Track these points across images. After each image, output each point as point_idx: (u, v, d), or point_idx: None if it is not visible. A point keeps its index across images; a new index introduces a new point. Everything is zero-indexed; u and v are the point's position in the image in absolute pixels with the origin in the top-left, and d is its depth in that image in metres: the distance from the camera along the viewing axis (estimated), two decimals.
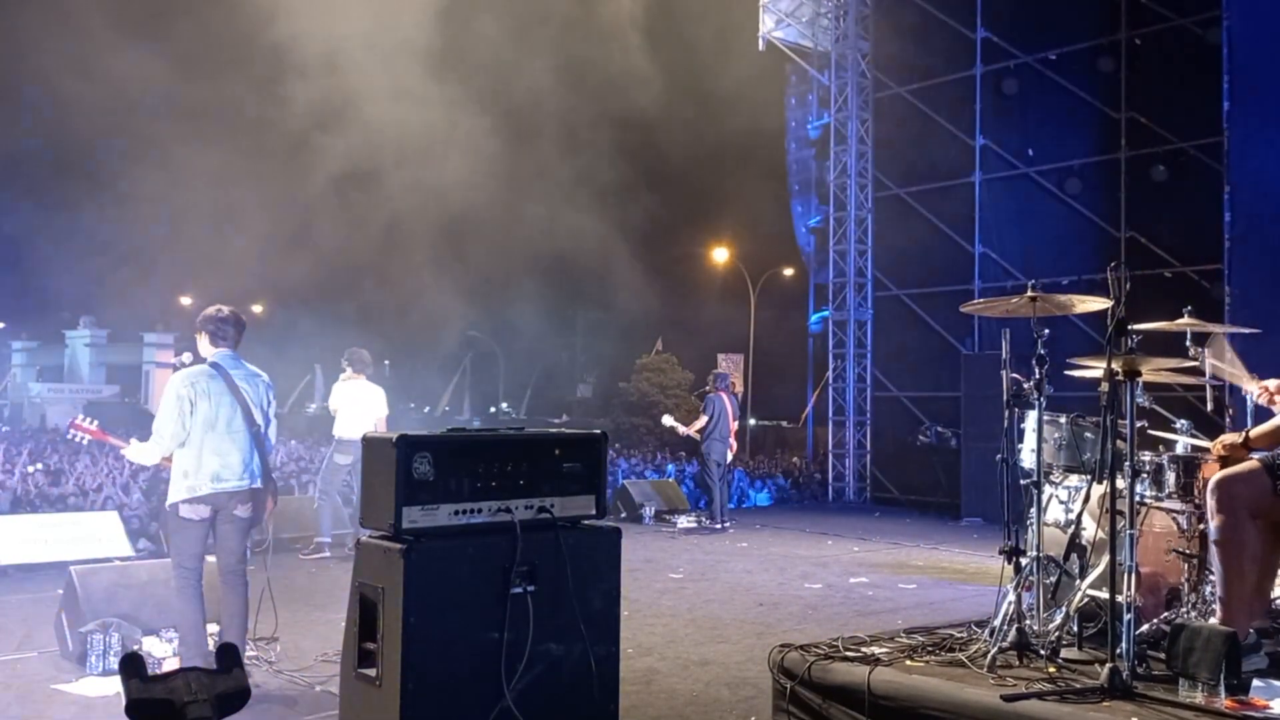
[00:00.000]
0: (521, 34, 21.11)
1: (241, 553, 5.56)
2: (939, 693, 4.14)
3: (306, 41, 17.94)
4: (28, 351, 62.46)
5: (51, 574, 8.07)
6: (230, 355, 5.65)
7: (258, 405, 5.61)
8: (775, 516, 14.74)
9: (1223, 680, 3.82)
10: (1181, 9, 13.26)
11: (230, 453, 5.45)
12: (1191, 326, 5.21)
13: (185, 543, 5.42)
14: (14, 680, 5.69)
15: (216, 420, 5.44)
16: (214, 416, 5.44)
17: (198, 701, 2.91)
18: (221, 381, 5.50)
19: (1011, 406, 5.02)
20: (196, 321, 5.74)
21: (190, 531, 5.42)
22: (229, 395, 5.50)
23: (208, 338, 5.67)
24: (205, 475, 5.39)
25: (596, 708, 4.16)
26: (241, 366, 5.67)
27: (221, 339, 5.65)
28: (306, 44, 18.09)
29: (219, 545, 5.54)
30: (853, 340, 17.22)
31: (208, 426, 5.42)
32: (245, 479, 5.49)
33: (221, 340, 5.65)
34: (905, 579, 9.26)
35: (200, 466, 5.40)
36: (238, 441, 5.48)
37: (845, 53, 17.43)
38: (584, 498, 4.33)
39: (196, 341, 5.75)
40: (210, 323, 5.66)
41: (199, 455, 5.40)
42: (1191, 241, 12.94)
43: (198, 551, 5.43)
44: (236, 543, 5.54)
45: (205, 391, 5.46)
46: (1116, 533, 4.24)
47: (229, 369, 5.57)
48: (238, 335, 5.71)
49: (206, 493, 5.39)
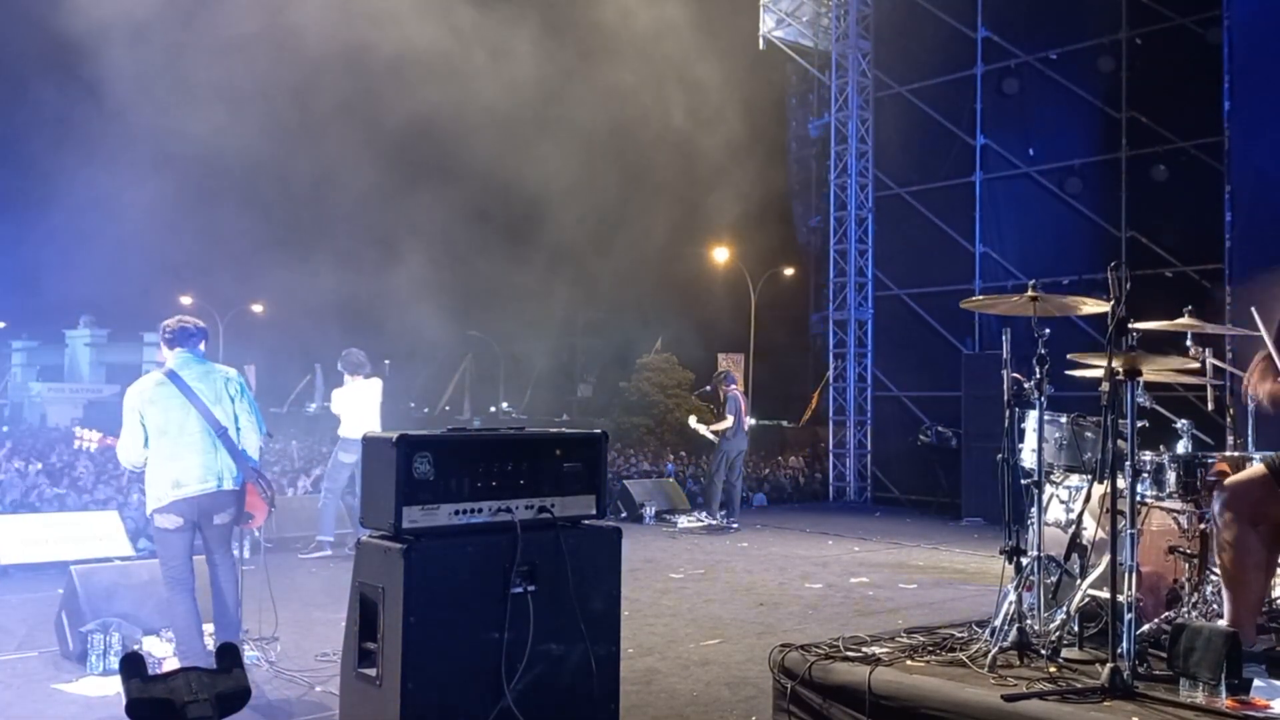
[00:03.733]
0: (521, 34, 21.09)
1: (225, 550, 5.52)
2: (940, 693, 4.14)
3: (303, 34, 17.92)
4: (28, 351, 62.52)
5: (52, 574, 8.07)
6: (187, 357, 5.56)
7: (218, 403, 5.50)
8: (775, 516, 14.74)
9: (1223, 680, 3.82)
10: (1182, 8, 13.25)
11: (186, 457, 5.36)
12: (1191, 327, 5.21)
13: (167, 552, 5.41)
14: (14, 680, 5.70)
15: (168, 426, 5.36)
16: (165, 423, 5.36)
17: (198, 701, 2.92)
18: (172, 386, 5.42)
19: (1012, 406, 5.01)
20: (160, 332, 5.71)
21: (169, 540, 5.39)
22: (180, 399, 5.40)
23: (164, 347, 5.62)
24: (166, 483, 5.34)
25: (597, 708, 4.16)
26: (198, 365, 5.56)
27: (179, 344, 5.57)
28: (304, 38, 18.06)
29: (206, 549, 5.51)
30: (853, 340, 17.23)
31: (160, 434, 5.35)
32: (210, 482, 5.40)
33: (179, 346, 5.57)
34: (906, 579, 9.26)
35: (161, 475, 5.35)
36: (194, 445, 5.38)
37: (846, 52, 17.43)
38: (584, 498, 4.33)
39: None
40: (165, 332, 5.62)
41: (158, 464, 5.36)
42: (1192, 241, 12.94)
43: (181, 559, 5.40)
44: (219, 544, 5.51)
45: (152, 399, 5.38)
46: (1117, 532, 4.23)
47: (183, 371, 5.48)
48: (198, 341, 5.63)
49: (169, 500, 5.33)
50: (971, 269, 15.41)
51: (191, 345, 5.60)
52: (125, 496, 12.35)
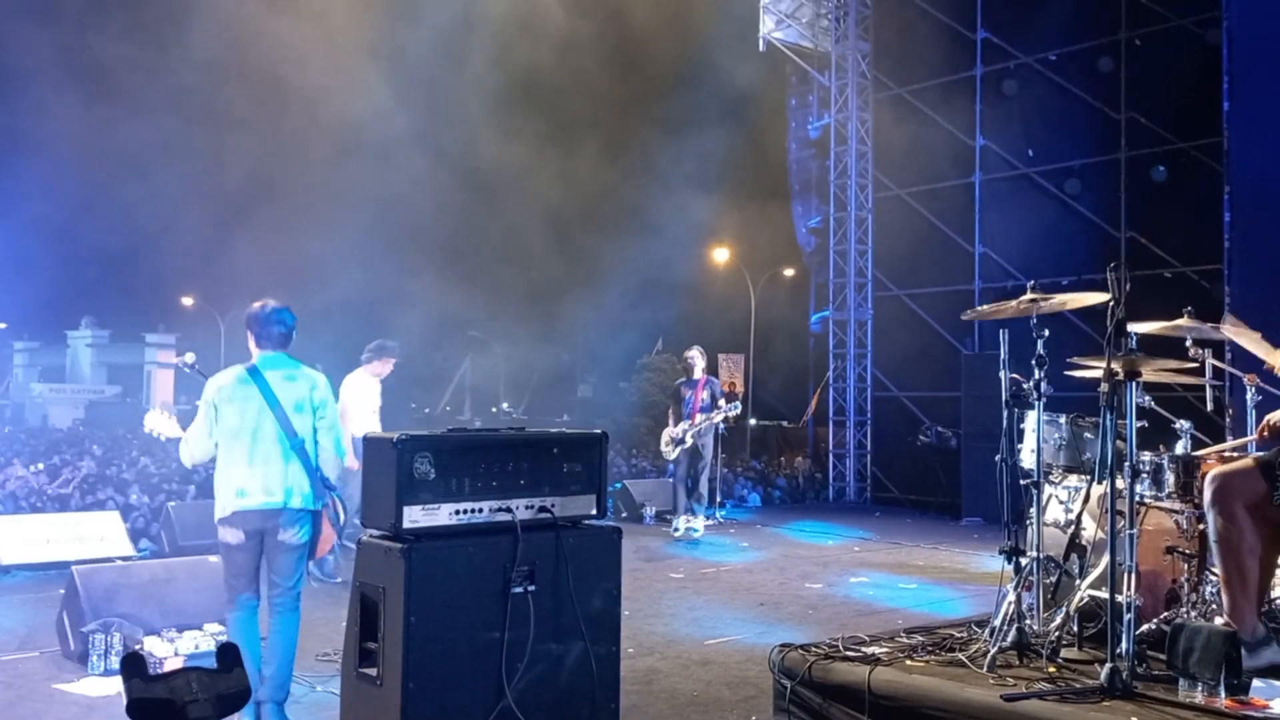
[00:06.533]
0: (521, 33, 21.12)
1: (291, 582, 4.95)
2: (939, 692, 4.15)
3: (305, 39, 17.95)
4: (29, 351, 62.53)
5: (53, 574, 8.08)
6: (274, 356, 5.04)
7: (299, 412, 4.95)
8: (775, 516, 14.74)
9: (1223, 680, 3.83)
10: (1181, 9, 13.24)
11: (258, 466, 4.83)
12: (1190, 327, 5.21)
13: (229, 569, 4.90)
14: (15, 680, 5.70)
15: (241, 429, 4.85)
16: (239, 425, 4.85)
17: (198, 701, 2.92)
18: (253, 386, 4.90)
19: (1011, 406, 5.02)
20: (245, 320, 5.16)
21: (230, 555, 4.88)
22: (259, 400, 4.88)
23: (252, 339, 5.09)
24: (230, 491, 4.85)
25: (597, 708, 4.17)
26: (285, 367, 5.04)
27: (265, 340, 5.05)
28: (305, 41, 18.09)
29: (268, 567, 4.96)
30: (853, 340, 17.23)
31: (233, 436, 4.86)
32: (276, 495, 4.84)
33: (266, 341, 5.05)
34: (906, 579, 9.26)
35: (227, 482, 4.87)
36: (268, 453, 4.85)
37: (845, 53, 17.43)
38: (584, 498, 4.34)
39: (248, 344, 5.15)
40: (253, 323, 5.07)
41: (226, 469, 4.88)
42: (1192, 242, 12.93)
43: (243, 576, 4.88)
44: (285, 571, 4.92)
45: (231, 397, 4.89)
46: (1116, 533, 4.24)
47: (268, 370, 4.97)
48: (288, 334, 5.10)
49: (231, 511, 4.82)
50: (971, 270, 15.41)
51: (276, 343, 5.06)
52: (125, 497, 12.34)
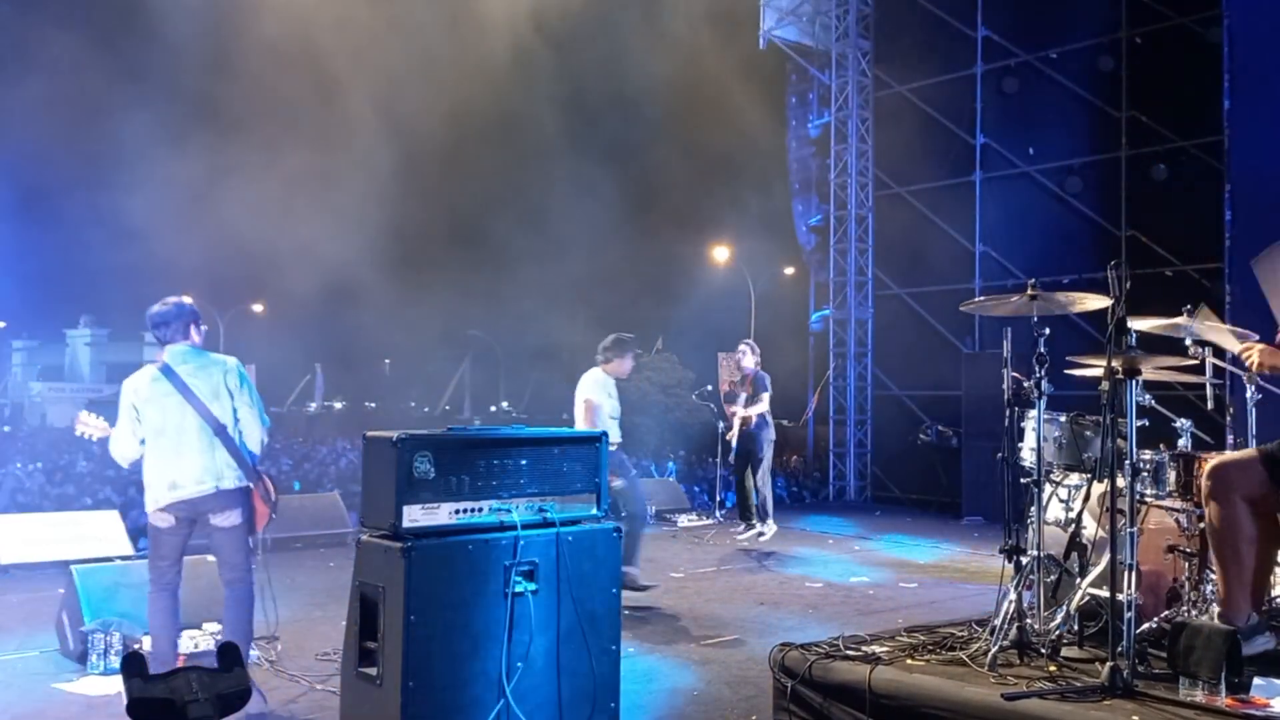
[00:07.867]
0: (521, 34, 21.11)
1: (237, 561, 5.21)
2: (940, 691, 4.14)
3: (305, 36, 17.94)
4: (28, 350, 62.55)
5: (52, 573, 8.07)
6: (181, 350, 5.22)
7: (216, 399, 5.16)
8: (776, 516, 14.71)
9: (1223, 678, 3.82)
10: (1182, 7, 13.23)
11: (186, 458, 5.07)
12: (1189, 326, 5.20)
13: (156, 550, 5.18)
14: (15, 679, 5.70)
15: (165, 426, 5.08)
16: (163, 423, 5.09)
17: (198, 700, 2.92)
18: (168, 383, 5.11)
19: (1012, 405, 5.02)
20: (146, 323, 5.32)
21: (160, 538, 5.16)
22: (176, 396, 5.09)
23: (157, 339, 5.29)
24: (163, 485, 5.08)
25: (597, 707, 4.16)
26: (195, 359, 5.22)
27: (168, 338, 5.23)
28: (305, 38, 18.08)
29: (214, 555, 5.28)
30: (853, 339, 17.22)
31: (157, 434, 5.09)
32: (208, 483, 5.10)
33: (169, 339, 5.22)
34: (906, 578, 9.26)
35: (158, 477, 5.10)
36: (194, 445, 5.08)
37: (846, 51, 17.42)
38: (584, 497, 4.33)
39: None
40: (152, 324, 5.26)
41: (155, 465, 5.10)
42: (1192, 240, 12.92)
43: (169, 559, 5.16)
44: (229, 553, 5.20)
45: (149, 397, 5.11)
46: (1117, 531, 4.24)
47: (178, 365, 5.16)
48: (184, 326, 5.25)
49: (166, 503, 5.08)
50: (971, 268, 15.40)
51: (178, 336, 5.22)
52: (124, 495, 12.35)
